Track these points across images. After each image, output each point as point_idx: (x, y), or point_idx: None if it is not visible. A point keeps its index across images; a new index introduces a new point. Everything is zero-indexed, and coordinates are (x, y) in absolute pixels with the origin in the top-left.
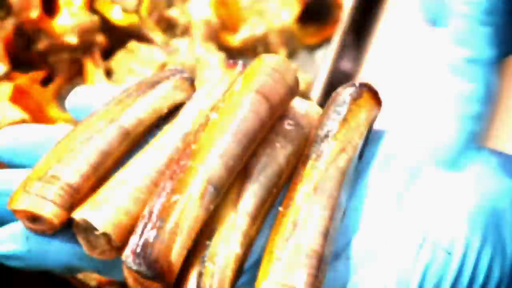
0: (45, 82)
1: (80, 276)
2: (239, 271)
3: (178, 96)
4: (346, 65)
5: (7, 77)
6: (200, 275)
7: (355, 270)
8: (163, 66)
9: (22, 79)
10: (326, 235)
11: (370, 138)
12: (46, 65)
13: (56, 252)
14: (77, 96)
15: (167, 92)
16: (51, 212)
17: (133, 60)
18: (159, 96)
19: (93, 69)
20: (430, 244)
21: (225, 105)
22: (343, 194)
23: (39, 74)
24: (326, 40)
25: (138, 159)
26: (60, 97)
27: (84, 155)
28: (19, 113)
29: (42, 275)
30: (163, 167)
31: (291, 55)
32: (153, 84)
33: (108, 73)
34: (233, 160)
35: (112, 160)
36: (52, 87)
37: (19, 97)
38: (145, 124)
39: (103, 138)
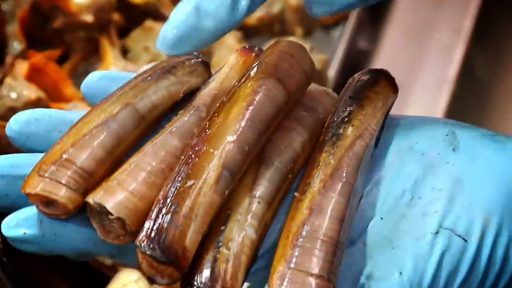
0: (61, 60)
1: None
2: (254, 257)
3: (194, 81)
4: (362, 44)
5: (23, 55)
6: (215, 260)
7: (370, 256)
8: None
9: (38, 57)
10: (342, 221)
11: (387, 124)
12: (62, 44)
13: (70, 237)
14: (92, 80)
15: (182, 77)
16: (65, 196)
17: (149, 39)
18: (175, 81)
19: (109, 47)
20: (446, 231)
21: (241, 90)
22: (360, 181)
23: (55, 53)
24: (343, 19)
25: (153, 144)
26: (76, 75)
27: (99, 140)
28: (35, 91)
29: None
30: (178, 152)
31: (308, 34)
32: (169, 69)
33: (124, 52)
34: (248, 145)
35: (127, 145)
36: (68, 65)
37: (35, 75)
38: (160, 108)
39: (117, 122)
